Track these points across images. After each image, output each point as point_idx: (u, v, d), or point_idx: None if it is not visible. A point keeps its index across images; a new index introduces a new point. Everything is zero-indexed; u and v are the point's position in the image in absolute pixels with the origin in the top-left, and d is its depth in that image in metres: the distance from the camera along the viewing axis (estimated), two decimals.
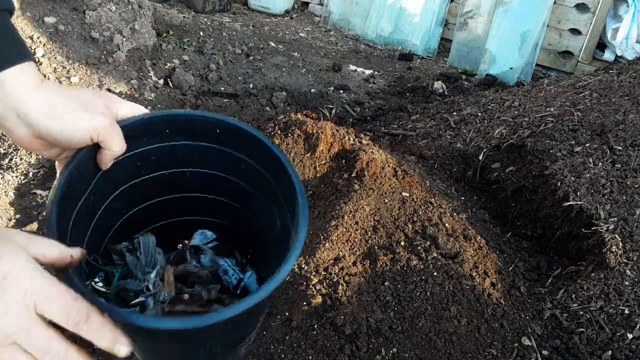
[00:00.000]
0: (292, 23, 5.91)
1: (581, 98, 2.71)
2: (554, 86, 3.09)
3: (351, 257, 1.62)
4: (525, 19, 4.52)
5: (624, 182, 2.02)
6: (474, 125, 2.79)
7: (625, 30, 4.64)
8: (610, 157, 2.14)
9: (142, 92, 2.91)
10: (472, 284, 1.59)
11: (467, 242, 1.74)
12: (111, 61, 2.94)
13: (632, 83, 2.67)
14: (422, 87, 4.13)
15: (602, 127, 2.33)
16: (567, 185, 2.04)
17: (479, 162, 2.46)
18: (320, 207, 1.88)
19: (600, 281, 1.68)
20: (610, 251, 1.74)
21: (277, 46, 4.43)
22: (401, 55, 5.23)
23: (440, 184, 2.21)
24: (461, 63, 5.12)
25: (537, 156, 2.27)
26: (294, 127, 2.09)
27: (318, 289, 1.49)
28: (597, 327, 1.55)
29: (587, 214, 1.92)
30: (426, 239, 1.71)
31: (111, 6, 3.09)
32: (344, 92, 3.82)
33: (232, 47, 3.84)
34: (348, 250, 1.65)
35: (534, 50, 4.68)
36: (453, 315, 1.48)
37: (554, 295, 1.69)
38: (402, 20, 5.45)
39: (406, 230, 1.74)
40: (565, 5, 4.78)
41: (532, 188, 2.20)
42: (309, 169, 2.04)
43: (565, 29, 4.85)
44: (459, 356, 1.41)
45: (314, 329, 1.41)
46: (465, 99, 3.38)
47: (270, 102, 3.28)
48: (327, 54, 4.93)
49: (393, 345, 1.40)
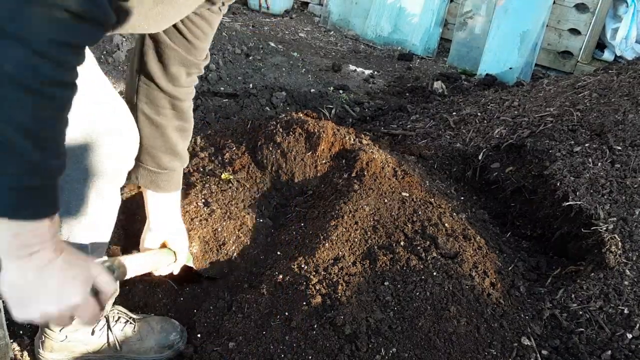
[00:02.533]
0: (291, 23, 5.91)
1: (581, 98, 2.71)
2: (554, 86, 3.09)
3: (351, 257, 1.62)
4: (524, 19, 4.52)
5: (624, 182, 2.02)
6: (474, 125, 2.79)
7: (625, 30, 4.64)
8: (609, 157, 2.15)
9: None
10: (471, 284, 1.59)
11: (466, 242, 1.74)
12: (111, 61, 2.93)
13: (631, 83, 2.67)
14: (421, 87, 4.13)
15: (602, 127, 2.34)
16: (566, 185, 2.04)
17: (478, 162, 2.46)
18: (320, 207, 1.88)
19: (600, 281, 1.68)
20: (610, 251, 1.74)
21: (277, 46, 4.43)
22: (401, 55, 5.23)
23: (439, 184, 2.21)
24: (461, 63, 5.13)
25: (537, 156, 2.27)
26: (296, 125, 2.09)
27: (318, 289, 1.49)
28: (597, 327, 1.55)
29: (586, 214, 1.92)
30: (426, 239, 1.71)
31: None
32: (344, 92, 3.82)
33: (231, 47, 3.84)
34: (348, 250, 1.65)
35: (534, 50, 4.68)
36: (453, 315, 1.48)
37: (553, 295, 1.69)
38: (402, 21, 5.46)
39: (406, 230, 1.74)
40: (564, 5, 4.78)
41: (532, 188, 2.20)
42: (310, 168, 2.04)
43: (564, 29, 4.86)
44: (459, 356, 1.41)
45: (313, 329, 1.41)
46: (465, 99, 3.38)
47: (270, 102, 3.28)
48: (326, 54, 4.93)
49: (393, 345, 1.40)
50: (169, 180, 1.35)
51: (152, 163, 1.31)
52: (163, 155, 1.30)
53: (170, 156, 1.32)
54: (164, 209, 1.41)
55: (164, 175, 1.34)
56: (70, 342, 1.45)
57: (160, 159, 1.31)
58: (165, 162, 1.32)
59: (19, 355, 1.50)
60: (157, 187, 1.35)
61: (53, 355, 1.46)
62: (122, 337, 1.50)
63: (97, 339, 1.48)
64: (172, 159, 1.32)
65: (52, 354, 1.46)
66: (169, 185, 1.36)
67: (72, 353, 1.47)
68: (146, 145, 1.28)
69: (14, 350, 1.49)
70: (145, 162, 1.31)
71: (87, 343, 1.47)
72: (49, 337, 1.44)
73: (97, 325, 1.48)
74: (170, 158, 1.32)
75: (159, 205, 1.39)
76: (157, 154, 1.30)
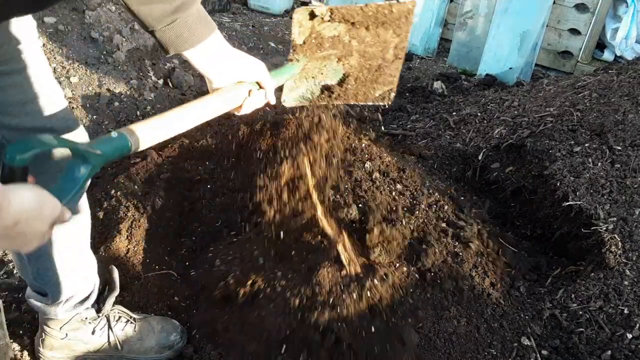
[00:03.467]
0: (291, 23, 5.91)
1: (580, 98, 2.71)
2: (554, 86, 3.09)
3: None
4: (524, 19, 4.52)
5: (624, 182, 2.02)
6: (474, 125, 2.79)
7: (625, 30, 4.64)
8: (609, 157, 2.15)
9: (142, 92, 2.91)
10: (471, 284, 1.59)
11: (466, 242, 1.74)
12: (111, 61, 2.93)
13: (631, 83, 2.67)
14: (421, 87, 4.13)
15: (602, 127, 2.34)
16: (566, 185, 2.04)
17: (478, 162, 2.46)
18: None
19: (600, 281, 1.68)
20: (610, 251, 1.74)
21: (277, 46, 4.43)
22: None
23: (439, 184, 2.21)
24: (461, 63, 5.12)
25: (537, 156, 2.27)
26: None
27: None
28: (597, 327, 1.55)
29: (586, 214, 1.92)
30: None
31: (111, 6, 3.09)
32: None
33: None
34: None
35: (534, 50, 4.68)
36: (453, 315, 1.48)
37: (553, 295, 1.69)
38: None
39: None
40: (564, 6, 4.78)
41: (532, 188, 2.20)
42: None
43: (564, 29, 4.86)
44: (459, 356, 1.41)
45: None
46: (465, 99, 3.38)
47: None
48: None
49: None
50: (192, 28, 1.09)
51: (154, 22, 1.06)
52: (155, 5, 1.05)
53: (161, 3, 1.05)
54: (214, 59, 1.15)
55: (181, 25, 1.07)
56: (71, 341, 1.44)
57: (153, 10, 1.05)
58: (157, 12, 1.05)
59: (19, 355, 1.50)
60: (185, 43, 1.10)
61: (53, 353, 1.46)
62: (122, 337, 1.49)
63: (97, 338, 1.47)
64: (163, 5, 1.05)
65: (52, 352, 1.46)
66: (196, 33, 1.09)
67: (72, 352, 1.47)
68: (137, 11, 1.05)
69: (14, 350, 1.49)
70: (150, 25, 1.06)
71: (87, 342, 1.46)
72: (50, 335, 1.43)
73: (98, 325, 1.47)
74: (162, 5, 1.05)
75: (207, 59, 1.14)
76: (149, 6, 1.04)
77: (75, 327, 1.44)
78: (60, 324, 1.42)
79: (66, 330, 1.43)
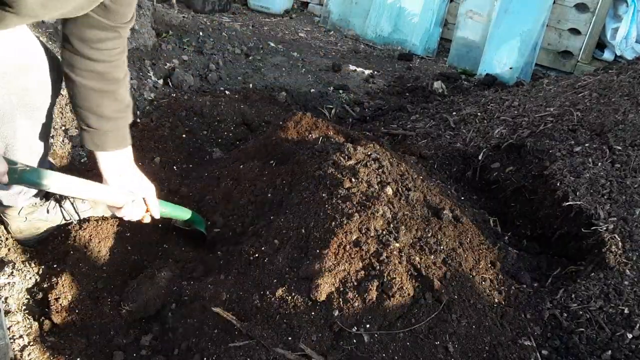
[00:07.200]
0: (291, 23, 5.92)
1: (581, 98, 2.71)
2: (554, 86, 3.09)
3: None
4: (524, 18, 4.52)
5: (624, 182, 2.02)
6: (474, 125, 2.79)
7: (625, 30, 4.64)
8: (609, 157, 2.15)
9: (142, 92, 2.91)
10: (471, 283, 1.59)
11: (466, 242, 1.74)
12: None
13: (631, 83, 2.67)
14: (421, 87, 4.13)
15: (602, 127, 2.34)
16: (566, 185, 2.05)
17: (478, 162, 2.46)
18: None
19: (600, 281, 1.68)
20: (610, 251, 1.74)
21: (277, 46, 4.43)
22: (401, 55, 5.23)
23: (439, 184, 2.21)
24: (461, 63, 5.13)
25: (537, 156, 2.27)
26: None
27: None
28: (597, 327, 1.55)
29: (586, 214, 1.92)
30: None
31: None
32: (344, 92, 3.82)
33: (231, 47, 3.84)
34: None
35: (534, 50, 4.68)
36: (452, 316, 1.48)
37: (553, 295, 1.69)
38: (402, 20, 5.46)
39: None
40: (564, 5, 4.78)
41: (532, 188, 2.20)
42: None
43: (564, 28, 4.86)
44: (459, 356, 1.41)
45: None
46: (465, 99, 3.38)
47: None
48: (326, 54, 4.93)
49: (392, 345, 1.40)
50: (104, 139, 1.42)
51: (83, 122, 1.40)
52: (90, 115, 1.38)
53: (96, 116, 1.38)
54: (112, 167, 1.46)
55: (97, 133, 1.41)
56: (32, 222, 1.62)
57: (88, 119, 1.39)
58: (93, 122, 1.39)
59: (19, 355, 1.50)
60: (95, 146, 1.42)
61: (25, 234, 1.64)
62: (75, 208, 1.68)
63: (53, 215, 1.65)
64: (98, 119, 1.39)
65: (22, 234, 1.64)
66: (107, 144, 1.43)
67: (38, 230, 1.65)
68: (74, 104, 1.39)
69: (14, 350, 1.49)
70: (80, 120, 1.40)
71: (46, 219, 1.65)
72: (14, 219, 1.60)
73: (49, 206, 1.65)
74: (96, 118, 1.39)
75: (108, 163, 1.46)
76: (84, 113, 1.38)
77: (31, 211, 1.61)
78: (18, 210, 1.59)
79: (24, 214, 1.60)
